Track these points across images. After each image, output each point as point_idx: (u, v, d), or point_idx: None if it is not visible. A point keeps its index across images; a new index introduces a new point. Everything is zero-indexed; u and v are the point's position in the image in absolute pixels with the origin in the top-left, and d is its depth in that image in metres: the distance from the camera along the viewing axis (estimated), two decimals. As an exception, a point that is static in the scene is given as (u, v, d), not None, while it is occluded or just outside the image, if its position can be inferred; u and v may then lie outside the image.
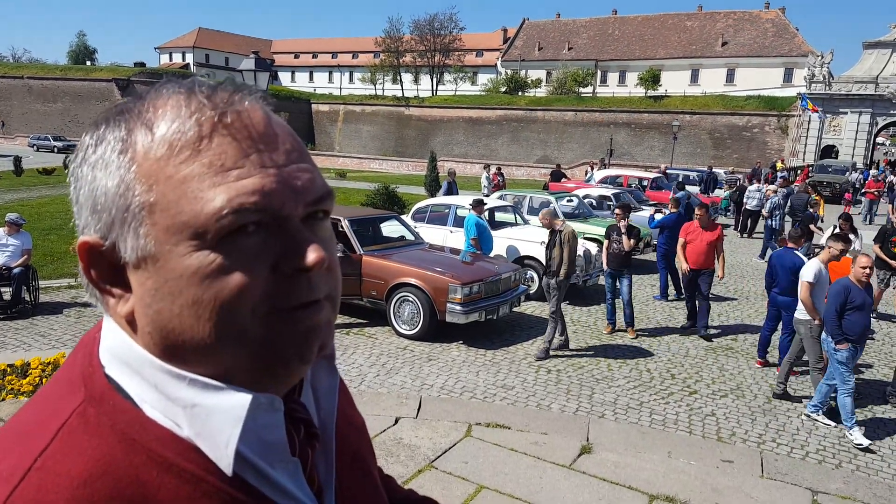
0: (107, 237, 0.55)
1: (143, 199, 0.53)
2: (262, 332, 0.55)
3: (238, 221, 0.53)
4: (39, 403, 0.58)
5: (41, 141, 48.19)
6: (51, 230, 13.62)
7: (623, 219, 8.14)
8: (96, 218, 0.55)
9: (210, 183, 0.53)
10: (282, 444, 0.59)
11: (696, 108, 46.27)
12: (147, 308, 0.55)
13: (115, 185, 0.54)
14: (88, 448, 0.52)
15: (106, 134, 0.56)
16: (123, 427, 0.54)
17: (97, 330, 0.63)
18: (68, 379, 0.59)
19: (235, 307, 0.54)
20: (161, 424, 0.55)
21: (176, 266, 0.53)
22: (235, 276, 0.53)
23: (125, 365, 0.57)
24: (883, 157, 55.85)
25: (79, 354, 0.61)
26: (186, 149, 0.53)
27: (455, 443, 5.03)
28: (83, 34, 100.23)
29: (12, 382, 5.61)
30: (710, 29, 60.52)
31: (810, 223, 11.82)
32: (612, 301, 8.37)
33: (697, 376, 6.96)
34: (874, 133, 40.51)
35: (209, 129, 0.54)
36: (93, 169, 0.56)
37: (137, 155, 0.54)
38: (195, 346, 0.55)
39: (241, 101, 0.57)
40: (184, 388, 0.56)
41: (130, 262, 0.55)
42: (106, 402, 0.55)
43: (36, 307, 8.33)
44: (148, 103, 0.56)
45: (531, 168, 41.82)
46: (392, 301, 7.79)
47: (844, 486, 4.69)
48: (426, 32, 62.86)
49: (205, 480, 0.54)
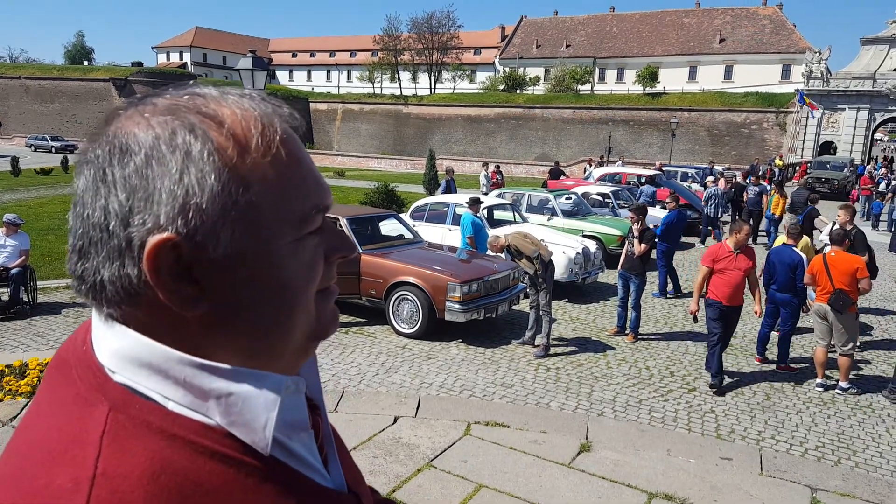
0: (195, 234, 0.55)
1: (243, 198, 0.57)
2: (315, 311, 0.64)
3: (320, 217, 0.63)
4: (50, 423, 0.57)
5: (39, 141, 48.13)
6: (49, 230, 13.60)
7: (637, 222, 7.98)
8: (186, 216, 0.55)
9: (296, 184, 0.61)
10: (304, 422, 0.64)
11: (694, 105, 46.27)
12: (229, 300, 0.58)
13: (211, 185, 0.56)
14: (138, 449, 0.54)
15: (180, 134, 0.57)
16: (159, 425, 0.55)
17: (80, 344, 0.62)
18: (75, 395, 0.57)
19: (311, 292, 0.63)
20: (191, 418, 0.57)
21: (271, 259, 0.59)
22: (313, 265, 0.63)
23: (143, 367, 0.57)
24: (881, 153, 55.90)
25: (72, 371, 0.60)
26: (270, 154, 0.59)
27: (454, 442, 5.03)
28: (80, 34, 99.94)
29: (10, 383, 5.61)
30: (707, 26, 60.48)
31: (812, 218, 11.82)
32: (620, 303, 8.22)
33: (697, 374, 6.96)
34: (872, 129, 40.51)
35: (286, 136, 0.61)
36: (176, 168, 0.56)
37: (229, 158, 0.57)
38: (274, 329, 0.61)
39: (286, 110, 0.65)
40: (219, 380, 0.58)
41: (218, 259, 0.56)
42: (131, 406, 0.56)
43: (34, 308, 8.32)
44: (214, 106, 0.59)
45: (530, 166, 41.81)
46: (391, 300, 7.78)
47: (843, 483, 4.70)
48: (424, 30, 62.73)
49: (244, 462, 0.57)
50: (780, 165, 32.06)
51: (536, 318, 7.45)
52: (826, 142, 40.33)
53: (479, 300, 7.61)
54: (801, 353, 7.74)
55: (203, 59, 79.80)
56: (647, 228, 7.94)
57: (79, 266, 0.58)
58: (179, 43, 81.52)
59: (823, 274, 6.47)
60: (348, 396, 5.82)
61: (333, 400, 5.62)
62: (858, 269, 6.36)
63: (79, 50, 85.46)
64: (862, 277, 6.34)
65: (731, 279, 6.39)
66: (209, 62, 79.81)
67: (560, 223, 12.02)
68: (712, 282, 6.48)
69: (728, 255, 6.44)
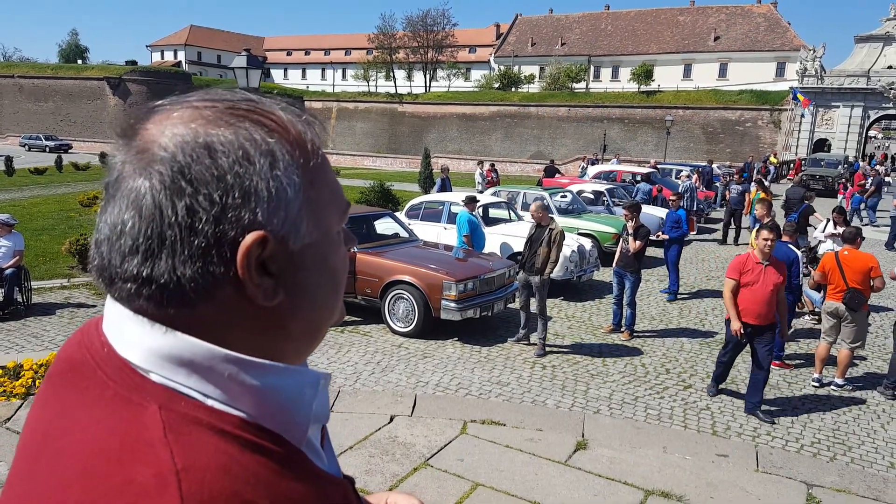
0: (281, 230, 0.60)
1: (312, 193, 0.63)
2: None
3: (348, 213, 0.71)
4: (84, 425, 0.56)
5: (33, 140, 47.87)
6: (43, 230, 13.52)
7: (631, 219, 7.97)
8: (276, 213, 0.59)
9: (335, 183, 0.68)
10: (327, 415, 0.69)
11: (688, 103, 46.38)
12: (298, 288, 0.63)
13: (295, 182, 0.61)
14: (202, 443, 0.55)
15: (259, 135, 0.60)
16: (208, 421, 0.56)
17: (99, 343, 0.61)
18: (113, 396, 0.57)
19: (345, 277, 0.72)
20: (230, 412, 0.58)
21: (329, 248, 0.66)
22: (346, 253, 0.71)
23: (184, 365, 0.58)
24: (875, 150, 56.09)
25: (97, 374, 0.59)
26: (318, 155, 0.65)
27: (450, 440, 5.02)
28: (75, 32, 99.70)
29: (4, 384, 5.57)
30: (702, 24, 60.61)
31: (808, 216, 11.86)
32: (615, 301, 8.23)
33: (692, 371, 6.98)
34: (866, 126, 40.68)
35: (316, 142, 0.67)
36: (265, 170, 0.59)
37: (298, 158, 0.62)
38: (329, 312, 0.68)
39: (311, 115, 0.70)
40: (263, 375, 0.60)
41: (295, 251, 0.61)
42: (176, 403, 0.56)
43: (28, 308, 8.26)
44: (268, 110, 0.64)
45: (525, 164, 41.82)
46: (386, 299, 7.77)
47: (839, 479, 4.71)
48: (419, 29, 62.69)
49: (276, 453, 0.59)
50: (775, 163, 32.17)
51: (528, 316, 7.45)
52: (820, 139, 40.47)
53: (475, 298, 7.61)
54: (797, 350, 7.77)
55: (198, 57, 79.55)
56: (642, 225, 7.94)
57: (143, 268, 0.57)
58: (174, 41, 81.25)
59: (836, 272, 6.47)
60: (344, 395, 5.81)
61: (330, 399, 5.61)
62: (872, 267, 6.38)
63: (73, 49, 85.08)
64: (876, 276, 6.36)
65: (760, 295, 5.62)
66: (204, 61, 79.56)
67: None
68: (739, 296, 5.75)
69: (755, 266, 5.69)
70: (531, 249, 7.24)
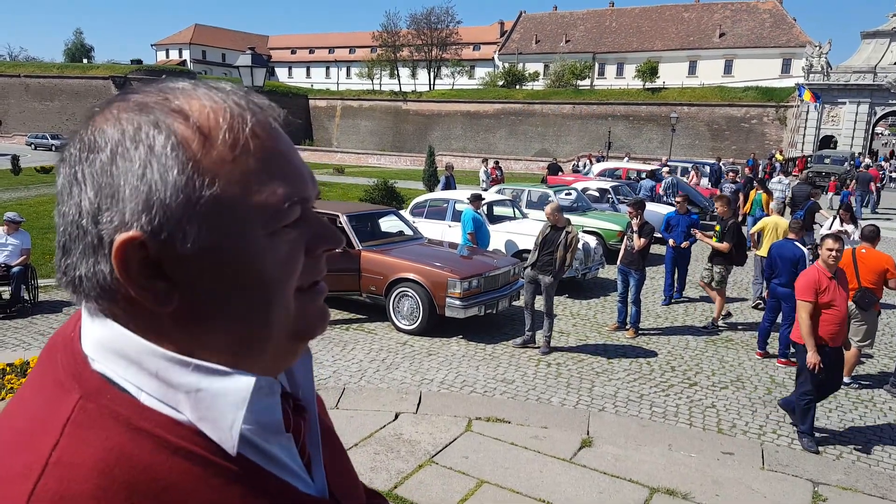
0: (161, 232, 0.55)
1: (209, 191, 0.56)
2: (296, 309, 0.62)
3: (297, 210, 0.60)
4: (28, 406, 0.58)
5: (39, 140, 48.06)
6: (49, 229, 13.59)
7: (635, 217, 7.92)
8: (150, 213, 0.55)
9: (267, 177, 0.59)
10: (278, 424, 0.63)
11: (693, 100, 46.16)
12: (200, 296, 0.57)
13: (174, 180, 0.55)
14: (98, 439, 0.54)
15: (144, 129, 0.56)
16: (126, 416, 0.55)
17: (71, 329, 0.63)
18: (55, 380, 0.59)
19: (288, 288, 0.61)
20: (160, 412, 0.57)
21: (243, 253, 0.58)
22: (290, 259, 0.61)
23: (120, 357, 0.58)
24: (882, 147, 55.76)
25: (58, 355, 0.61)
26: (238, 147, 0.58)
27: (455, 437, 5.03)
28: (80, 32, 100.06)
29: (12, 381, 5.60)
30: (707, 20, 60.33)
31: (814, 213, 11.81)
32: (620, 298, 8.20)
33: (697, 368, 6.96)
34: (873, 123, 40.44)
35: (258, 128, 0.59)
36: (139, 164, 0.55)
37: (194, 152, 0.56)
38: (249, 326, 0.60)
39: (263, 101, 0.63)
40: (188, 374, 0.58)
41: (188, 255, 0.56)
42: (103, 395, 0.56)
43: (35, 306, 8.32)
44: (183, 100, 0.58)
45: (529, 161, 41.74)
46: (391, 296, 7.78)
47: (845, 478, 4.69)
48: (423, 26, 62.59)
49: (211, 460, 0.57)
50: (780, 160, 32.01)
51: (533, 317, 7.41)
52: (826, 136, 40.25)
53: (480, 296, 7.60)
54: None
55: (202, 56, 79.67)
56: (646, 223, 7.91)
57: (62, 262, 0.59)
58: (179, 40, 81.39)
59: (851, 270, 6.40)
60: (349, 393, 5.82)
61: (334, 396, 5.63)
62: (888, 269, 6.30)
63: (78, 48, 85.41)
64: (891, 278, 6.30)
65: (838, 314, 5.04)
66: (208, 59, 79.68)
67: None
68: (818, 320, 5.09)
69: (829, 282, 5.09)
70: (545, 250, 7.12)
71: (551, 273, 7.05)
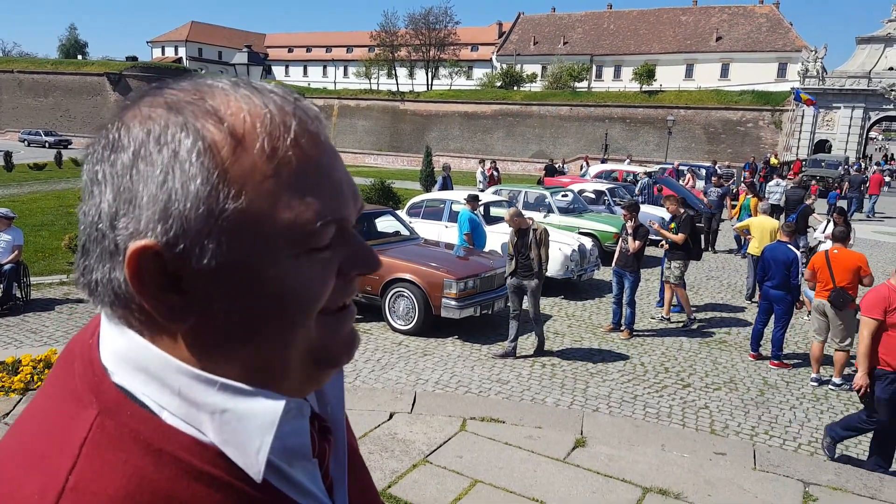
0: (177, 243, 0.51)
1: (233, 205, 0.51)
2: (319, 334, 0.58)
3: (330, 230, 0.56)
4: (42, 420, 0.55)
5: (32, 136, 47.86)
6: (42, 226, 13.53)
7: (630, 219, 7.93)
8: (166, 222, 0.51)
9: (300, 192, 0.54)
10: (305, 448, 0.60)
11: (690, 103, 46.30)
12: (218, 314, 0.54)
13: (196, 189, 0.51)
14: (118, 463, 0.50)
15: (171, 130, 0.52)
16: (147, 437, 0.52)
17: (90, 335, 0.59)
18: (71, 391, 0.55)
19: (313, 310, 0.56)
20: (184, 432, 0.53)
21: (266, 273, 0.53)
22: (323, 282, 0.56)
23: (141, 371, 0.54)
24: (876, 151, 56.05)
25: (75, 364, 0.57)
26: (276, 158, 0.53)
27: (450, 437, 5.03)
28: (74, 28, 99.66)
29: (3, 380, 5.58)
30: (704, 24, 60.56)
31: (807, 216, 11.87)
32: (615, 300, 8.22)
33: (691, 370, 6.99)
34: (867, 128, 40.65)
35: (302, 139, 0.55)
36: (161, 170, 0.51)
37: (222, 160, 0.52)
38: (272, 349, 0.56)
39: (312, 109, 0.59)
40: (213, 394, 0.54)
41: (204, 270, 0.52)
42: (123, 412, 0.53)
43: (27, 304, 8.28)
44: (219, 100, 0.54)
45: (526, 163, 41.82)
46: (387, 296, 7.78)
47: (836, 478, 4.72)
48: (421, 26, 62.60)
49: (234, 486, 0.53)
50: (775, 163, 32.14)
51: (518, 327, 7.15)
52: (821, 140, 40.43)
53: (475, 297, 7.62)
54: (795, 350, 7.78)
55: (198, 53, 79.49)
56: (641, 225, 7.94)
57: (81, 262, 0.56)
58: (175, 37, 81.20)
59: (825, 270, 6.50)
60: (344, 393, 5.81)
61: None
62: (861, 266, 6.39)
63: (73, 44, 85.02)
64: (865, 275, 6.39)
65: None
66: (205, 57, 79.51)
67: (556, 220, 12.04)
68: (883, 341, 4.61)
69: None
70: (521, 255, 6.95)
71: (534, 275, 6.90)
